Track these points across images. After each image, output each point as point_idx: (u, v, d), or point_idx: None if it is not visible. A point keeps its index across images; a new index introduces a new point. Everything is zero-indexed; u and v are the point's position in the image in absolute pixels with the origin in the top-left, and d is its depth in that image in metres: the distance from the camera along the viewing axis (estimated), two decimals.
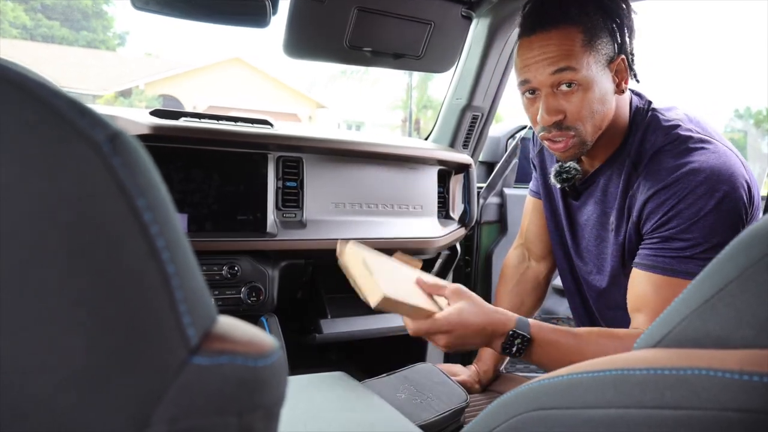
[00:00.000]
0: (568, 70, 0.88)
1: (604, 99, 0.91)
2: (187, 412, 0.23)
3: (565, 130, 0.92)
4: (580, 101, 0.89)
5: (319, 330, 1.38)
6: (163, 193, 0.24)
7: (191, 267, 0.24)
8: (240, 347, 0.25)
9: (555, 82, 0.89)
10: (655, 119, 0.95)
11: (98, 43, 21.45)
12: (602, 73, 0.90)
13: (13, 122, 0.20)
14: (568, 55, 0.87)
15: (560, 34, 0.88)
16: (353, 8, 1.25)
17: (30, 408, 0.21)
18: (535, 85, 0.92)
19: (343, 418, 0.60)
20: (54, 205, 0.20)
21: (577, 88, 0.89)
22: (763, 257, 0.30)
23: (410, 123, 17.23)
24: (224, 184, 1.21)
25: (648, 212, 0.90)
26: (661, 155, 0.90)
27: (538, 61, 0.89)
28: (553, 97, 0.90)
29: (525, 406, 0.38)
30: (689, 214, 0.84)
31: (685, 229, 0.85)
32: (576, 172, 1.03)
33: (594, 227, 1.04)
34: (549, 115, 0.91)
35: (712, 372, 0.28)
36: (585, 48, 0.88)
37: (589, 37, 0.88)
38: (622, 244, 0.97)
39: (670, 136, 0.91)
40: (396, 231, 1.41)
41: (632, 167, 0.95)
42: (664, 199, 0.87)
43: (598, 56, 0.89)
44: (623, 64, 0.93)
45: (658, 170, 0.89)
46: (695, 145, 0.88)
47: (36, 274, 0.20)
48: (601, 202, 1.02)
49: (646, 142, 0.94)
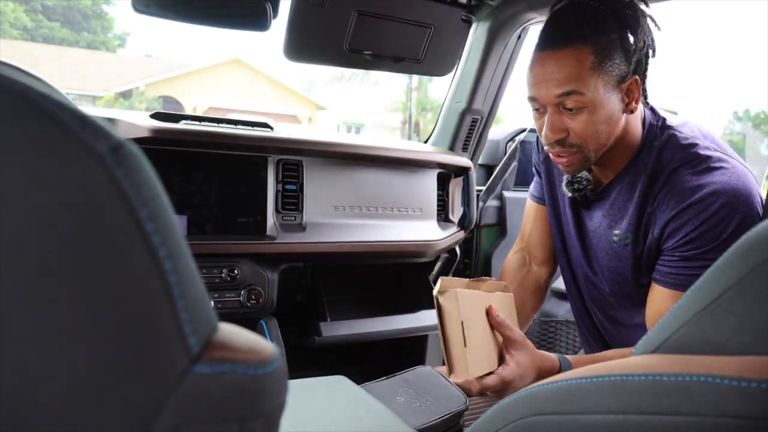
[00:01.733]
0: (574, 94, 0.88)
1: (610, 119, 0.92)
2: (189, 421, 0.23)
3: (568, 147, 0.93)
4: (585, 122, 0.90)
5: (318, 333, 1.38)
6: (165, 203, 0.24)
7: (192, 276, 0.25)
8: (241, 355, 0.25)
9: (560, 103, 0.90)
10: (672, 137, 0.95)
11: (98, 44, 21.47)
12: (611, 94, 0.90)
13: (18, 134, 0.20)
14: (575, 78, 0.87)
15: (570, 55, 0.87)
16: (353, 12, 1.25)
17: (34, 416, 0.21)
18: (542, 104, 0.92)
19: (342, 422, 0.60)
20: (58, 216, 0.21)
21: (583, 109, 0.89)
22: (761, 264, 0.31)
23: (410, 125, 17.24)
24: (224, 187, 1.21)
25: (670, 230, 0.91)
26: (680, 174, 0.91)
27: (546, 80, 0.90)
28: (558, 116, 0.91)
29: (524, 411, 0.38)
30: (711, 237, 0.87)
31: (708, 251, 0.87)
32: (588, 182, 1.04)
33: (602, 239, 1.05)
34: (552, 133, 0.92)
35: (711, 378, 0.28)
36: (594, 70, 0.87)
37: (601, 58, 0.88)
38: (638, 258, 0.98)
39: (689, 154, 0.92)
40: (395, 234, 1.41)
41: (648, 184, 0.95)
42: (687, 219, 0.89)
43: (608, 78, 0.89)
44: (635, 84, 0.92)
45: (680, 190, 0.90)
46: (714, 164, 0.90)
47: (40, 285, 0.20)
48: (608, 215, 1.03)
49: (663, 159, 0.94)
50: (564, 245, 1.15)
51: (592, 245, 1.08)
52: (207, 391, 0.24)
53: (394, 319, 1.47)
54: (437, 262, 1.63)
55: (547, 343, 1.83)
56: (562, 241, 1.15)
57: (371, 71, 10.98)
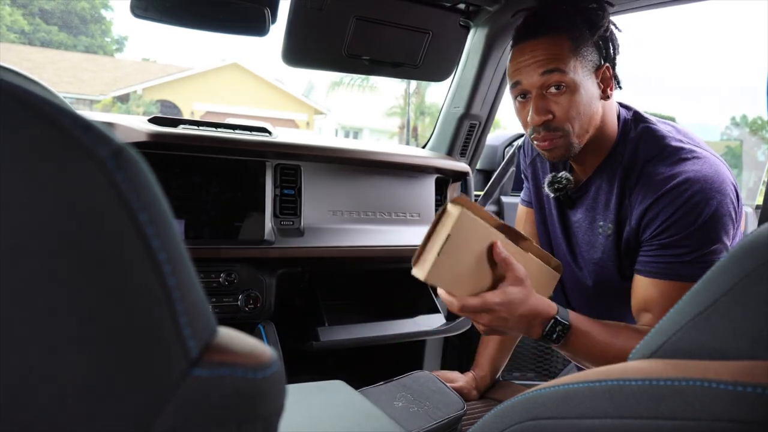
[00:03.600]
0: (556, 72, 0.93)
1: (590, 102, 0.96)
2: (188, 423, 0.23)
3: (554, 131, 0.96)
4: (568, 102, 0.94)
5: (316, 337, 1.38)
6: (165, 207, 0.24)
7: (192, 280, 0.25)
8: (240, 359, 0.25)
9: (544, 83, 0.94)
10: (647, 130, 0.99)
11: (96, 48, 21.47)
12: (588, 78, 0.96)
13: (20, 139, 0.20)
14: (556, 58, 0.93)
15: (549, 40, 0.94)
16: (352, 17, 1.25)
17: (34, 419, 0.21)
18: (525, 87, 0.96)
19: (340, 427, 0.60)
20: (59, 220, 0.21)
21: (565, 89, 0.94)
22: (756, 269, 0.31)
23: (408, 130, 17.26)
24: (222, 192, 1.21)
25: (647, 221, 0.94)
26: (654, 165, 0.94)
27: (528, 64, 0.95)
28: (542, 99, 0.95)
29: (521, 416, 0.38)
30: (686, 223, 0.89)
31: (684, 237, 0.89)
32: (568, 181, 1.07)
33: (585, 234, 1.07)
34: (538, 115, 0.95)
35: (707, 383, 0.28)
36: (572, 53, 0.94)
37: (576, 44, 0.94)
38: (619, 250, 1.00)
39: (662, 146, 0.95)
40: (393, 239, 1.41)
41: (625, 176, 0.98)
42: (662, 207, 0.91)
43: (585, 62, 0.95)
44: (608, 72, 0.98)
45: (653, 180, 0.93)
46: (686, 155, 0.93)
47: (40, 288, 0.20)
48: (591, 209, 1.05)
49: (639, 152, 0.97)
50: (551, 246, 1.17)
51: (577, 241, 1.10)
52: (206, 395, 0.24)
53: (391, 324, 1.47)
54: None
55: (545, 349, 1.83)
56: (548, 242, 1.17)
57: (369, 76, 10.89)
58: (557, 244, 1.16)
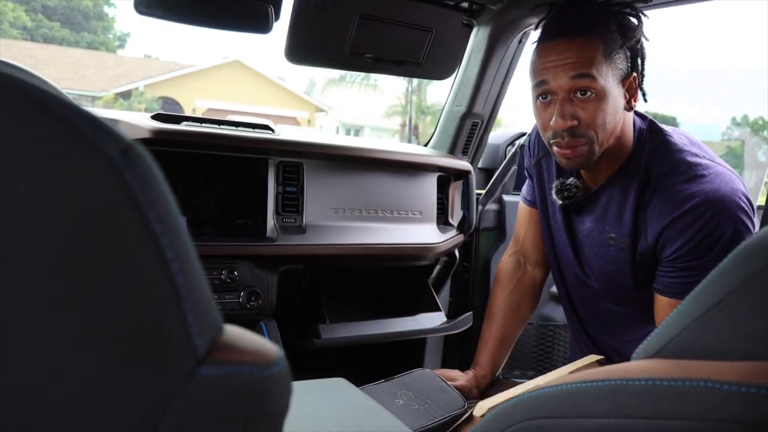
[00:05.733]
0: (587, 77, 0.89)
1: (616, 112, 0.93)
2: (194, 422, 0.23)
3: (579, 138, 0.93)
4: (595, 110, 0.91)
5: (317, 335, 1.38)
6: (173, 205, 0.24)
7: (199, 277, 0.25)
8: (246, 357, 0.25)
9: (573, 87, 0.91)
10: (664, 142, 0.97)
11: (98, 45, 21.46)
12: (617, 87, 0.93)
13: (29, 137, 0.20)
14: (589, 63, 0.89)
15: (583, 42, 0.90)
16: (355, 15, 1.25)
17: (42, 417, 0.21)
18: (552, 88, 0.93)
19: (342, 425, 0.60)
20: (68, 218, 0.21)
21: (593, 96, 0.90)
22: (761, 270, 0.31)
23: (410, 128, 17.25)
24: (224, 189, 1.21)
25: (664, 240, 0.93)
26: (671, 180, 0.93)
27: (558, 64, 0.91)
28: (569, 103, 0.92)
29: (523, 415, 0.38)
30: (707, 246, 0.88)
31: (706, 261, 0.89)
32: (577, 189, 1.05)
33: (595, 243, 1.06)
34: (564, 120, 0.92)
35: (710, 383, 0.28)
36: (605, 59, 0.90)
37: (609, 50, 0.90)
38: (634, 263, 0.99)
39: (677, 160, 0.94)
40: (395, 237, 1.41)
41: (641, 189, 0.96)
42: (680, 230, 0.90)
43: (615, 70, 0.92)
44: (635, 83, 0.95)
45: (670, 199, 0.91)
46: (703, 171, 0.91)
47: (49, 286, 0.21)
48: (601, 219, 1.03)
49: (655, 165, 0.95)
50: (554, 248, 1.16)
51: (584, 249, 1.08)
52: (213, 393, 0.24)
53: (393, 322, 1.47)
54: (436, 266, 1.63)
55: (545, 347, 1.83)
56: (552, 244, 1.16)
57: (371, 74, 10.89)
58: (562, 249, 1.15)
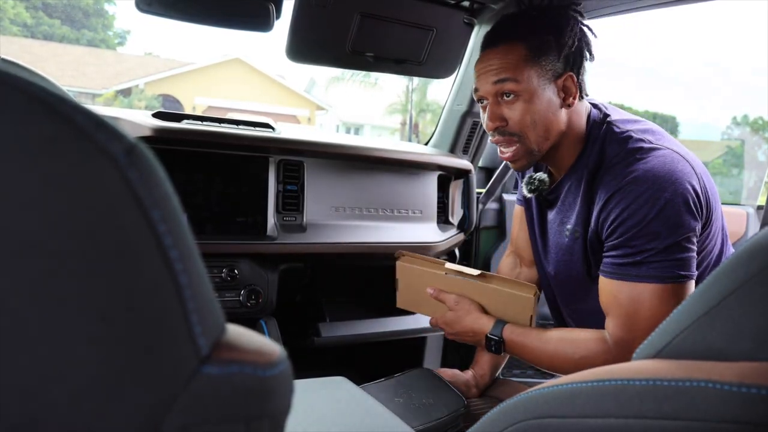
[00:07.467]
0: (509, 81, 0.95)
1: (547, 110, 0.97)
2: (197, 421, 0.23)
3: (509, 136, 0.99)
4: (522, 110, 0.96)
5: (317, 333, 1.38)
6: (176, 204, 0.24)
7: (202, 277, 0.25)
8: (249, 356, 0.25)
9: (497, 91, 0.97)
10: (610, 131, 0.98)
11: (99, 42, 21.43)
12: (546, 87, 0.96)
13: (34, 136, 0.20)
14: (509, 67, 0.95)
15: (506, 49, 0.96)
16: (356, 13, 1.25)
17: (45, 415, 0.21)
18: (482, 94, 1.00)
19: (343, 423, 0.60)
20: (72, 217, 0.21)
21: (518, 98, 0.96)
22: (763, 270, 0.31)
23: (410, 127, 17.24)
24: (225, 187, 1.21)
25: (601, 221, 0.94)
26: (613, 165, 0.94)
27: (485, 72, 0.98)
28: (497, 106, 0.98)
29: (524, 414, 0.38)
30: (634, 222, 0.89)
31: (632, 237, 0.89)
32: (541, 183, 1.08)
33: (555, 234, 1.08)
34: (491, 121, 0.99)
35: (711, 384, 0.29)
36: (527, 62, 0.95)
37: (534, 53, 0.95)
38: (586, 252, 1.01)
39: (622, 146, 0.95)
40: (395, 236, 1.41)
41: (591, 178, 0.98)
42: (611, 207, 0.92)
43: (542, 71, 0.96)
44: (571, 81, 0.98)
45: (609, 180, 0.94)
46: (642, 154, 0.92)
47: (54, 285, 0.21)
48: (560, 211, 1.06)
49: (605, 153, 0.97)
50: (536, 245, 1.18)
51: (552, 243, 1.11)
52: (215, 392, 0.24)
53: (392, 321, 1.47)
54: None
55: None
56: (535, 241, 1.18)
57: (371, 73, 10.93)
58: (532, 243, 1.18)
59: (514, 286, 1.01)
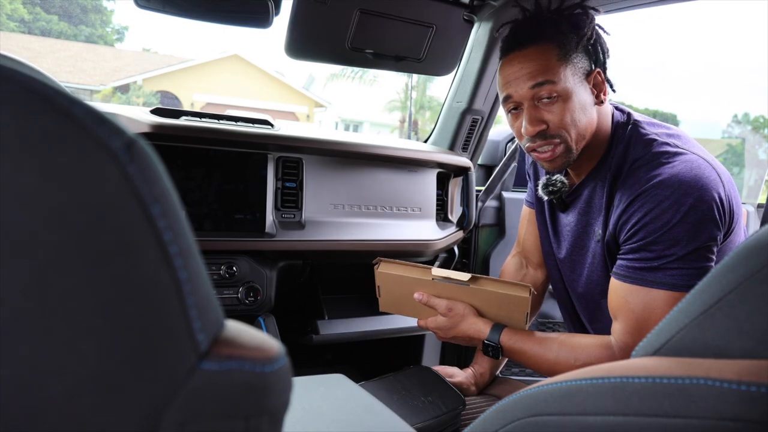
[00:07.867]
0: (547, 84, 0.93)
1: (584, 109, 0.95)
2: (196, 417, 0.23)
3: (550, 139, 0.96)
4: (561, 110, 0.94)
5: (316, 331, 1.38)
6: (176, 200, 0.24)
7: (201, 273, 0.25)
8: (248, 352, 0.25)
9: (535, 95, 0.94)
10: (636, 133, 0.97)
11: (96, 38, 21.37)
12: (580, 85, 0.95)
13: (33, 130, 0.20)
14: (545, 69, 0.93)
15: (537, 50, 0.94)
16: (355, 10, 1.25)
17: (45, 410, 0.21)
18: (517, 100, 0.97)
19: (342, 421, 0.60)
20: (72, 212, 0.21)
21: (557, 98, 0.93)
22: (763, 268, 0.31)
23: (410, 124, 17.23)
24: (224, 184, 1.21)
25: (621, 223, 0.93)
26: (637, 168, 0.93)
27: (518, 76, 0.95)
28: (535, 109, 0.95)
29: (523, 412, 0.38)
30: (656, 227, 0.87)
31: (653, 241, 0.87)
32: (562, 185, 1.06)
33: (575, 237, 1.07)
34: (532, 126, 0.95)
35: (711, 381, 0.29)
36: (561, 62, 0.93)
37: (565, 52, 0.93)
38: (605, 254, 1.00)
39: (647, 149, 0.94)
40: (394, 233, 1.41)
41: (613, 180, 0.97)
42: (633, 210, 0.90)
43: (575, 69, 0.94)
44: (600, 77, 0.97)
45: (632, 183, 0.92)
46: (668, 159, 0.90)
47: (54, 280, 0.21)
48: (585, 213, 1.05)
49: (628, 155, 0.96)
50: (549, 248, 1.17)
51: (570, 245, 1.09)
52: (214, 388, 0.24)
53: (391, 319, 1.47)
54: (436, 262, 1.63)
55: None
56: (548, 243, 1.17)
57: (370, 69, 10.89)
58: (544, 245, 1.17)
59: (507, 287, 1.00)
